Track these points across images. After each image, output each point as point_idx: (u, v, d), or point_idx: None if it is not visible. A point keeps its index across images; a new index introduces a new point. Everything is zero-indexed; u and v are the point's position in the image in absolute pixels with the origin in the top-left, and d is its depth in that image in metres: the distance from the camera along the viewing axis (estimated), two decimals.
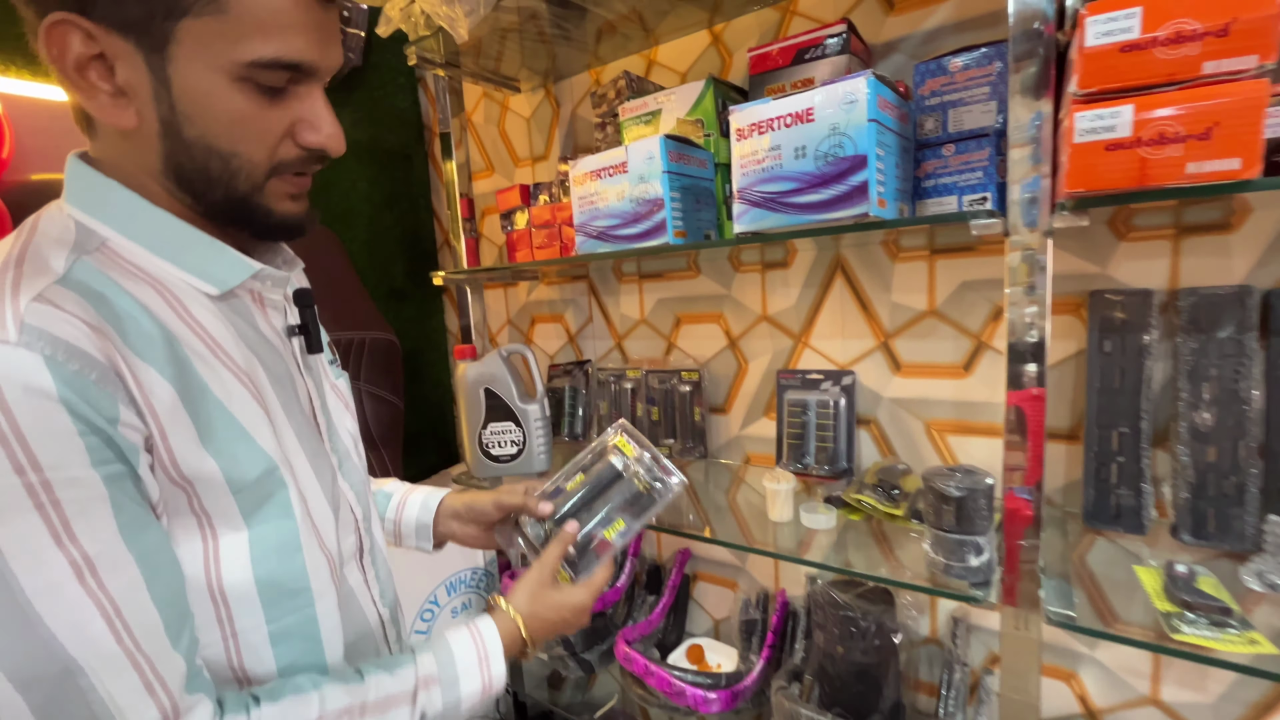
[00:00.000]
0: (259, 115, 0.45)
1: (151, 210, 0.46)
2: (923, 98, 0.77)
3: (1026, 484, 0.68)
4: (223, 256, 0.49)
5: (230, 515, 0.46)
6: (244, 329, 0.51)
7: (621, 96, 1.07)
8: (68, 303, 0.39)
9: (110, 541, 0.39)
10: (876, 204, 0.67)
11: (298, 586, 0.49)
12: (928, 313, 0.99)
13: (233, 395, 0.46)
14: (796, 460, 1.08)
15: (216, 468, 0.44)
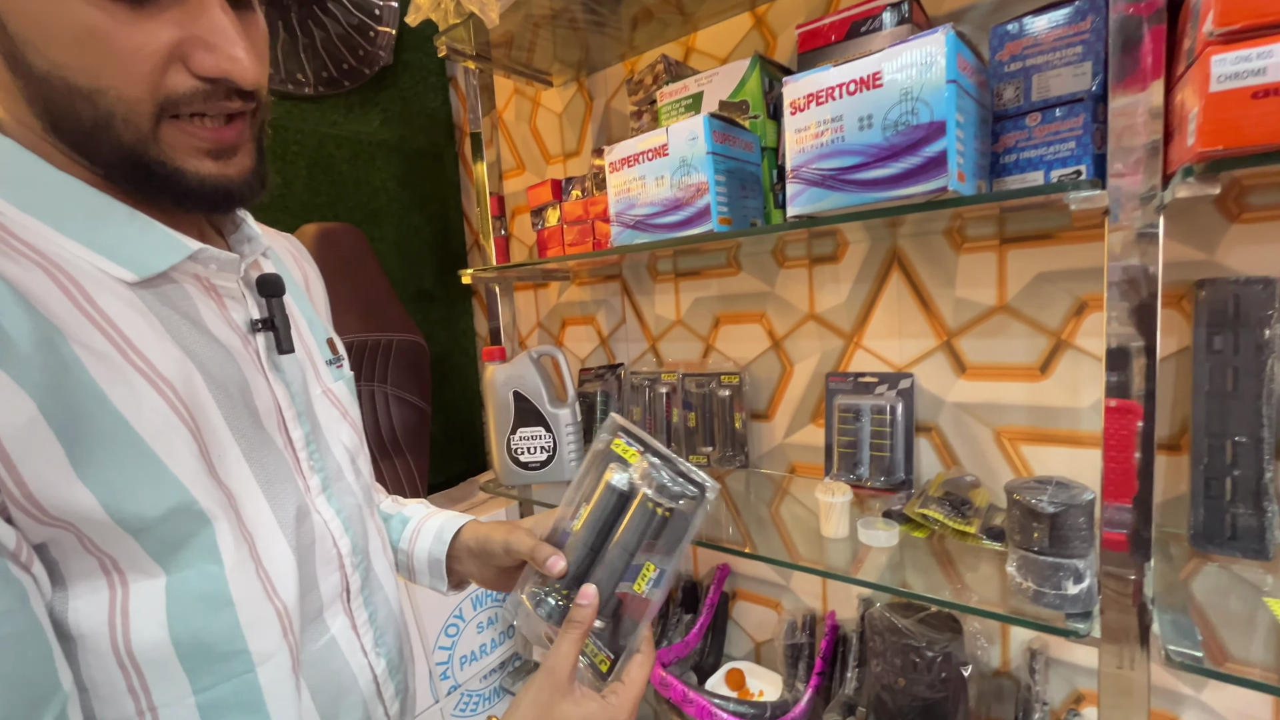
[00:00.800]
0: (118, 30, 0.33)
1: (52, 173, 0.37)
2: (1000, 64, 0.69)
3: (1132, 499, 0.58)
4: (146, 234, 0.39)
5: (137, 558, 0.36)
6: (176, 323, 0.41)
7: (659, 81, 1.01)
8: None
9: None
10: (956, 177, 0.59)
11: (230, 649, 0.39)
12: (997, 308, 0.89)
13: (142, 408, 0.36)
14: (848, 471, 0.99)
15: (95, 502, 0.34)
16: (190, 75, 0.36)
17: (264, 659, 0.41)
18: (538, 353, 1.16)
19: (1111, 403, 0.58)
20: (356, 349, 1.27)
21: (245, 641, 0.40)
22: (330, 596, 0.48)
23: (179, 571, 0.37)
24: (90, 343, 0.35)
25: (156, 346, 0.38)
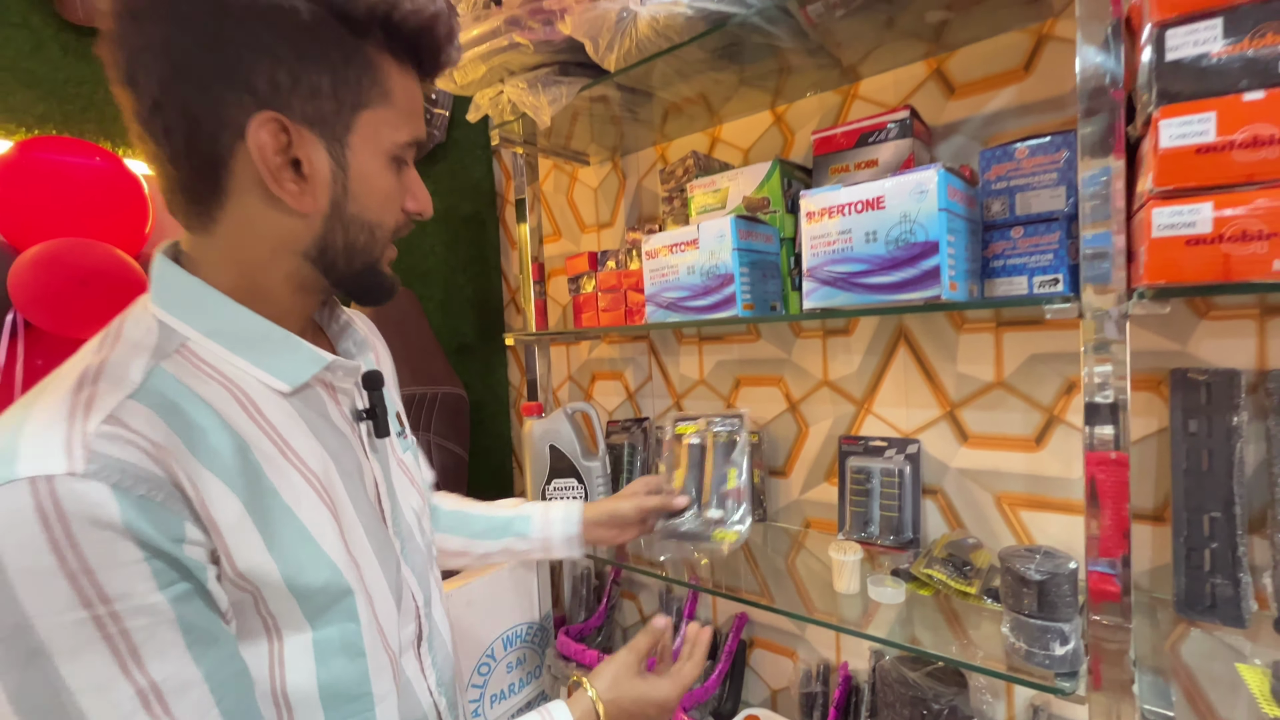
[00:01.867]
0: (396, 189, 0.51)
1: (235, 308, 0.47)
2: (989, 182, 0.80)
3: (1110, 557, 0.65)
4: (297, 352, 0.50)
5: (294, 618, 0.45)
6: (315, 421, 0.51)
7: (689, 174, 1.14)
8: (138, 420, 0.39)
9: (178, 663, 0.39)
10: (948, 287, 0.69)
11: (359, 691, 0.48)
12: (995, 384, 0.98)
13: (301, 500, 0.46)
14: (860, 529, 1.07)
15: (279, 574, 0.44)
16: (405, 214, 0.53)
17: (380, 699, 0.50)
18: (572, 409, 1.26)
19: (1090, 484, 0.67)
20: (406, 400, 1.39)
21: (370, 685, 0.49)
22: (407, 643, 0.56)
23: (324, 629, 0.47)
24: (264, 449, 0.45)
25: (305, 444, 0.49)
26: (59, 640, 0.35)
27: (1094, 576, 0.66)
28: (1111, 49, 0.62)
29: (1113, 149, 0.62)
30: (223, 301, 0.47)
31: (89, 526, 0.36)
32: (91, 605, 0.36)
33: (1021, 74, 0.93)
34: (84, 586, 0.35)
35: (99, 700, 0.36)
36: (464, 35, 1.09)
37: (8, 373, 0.89)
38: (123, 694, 0.36)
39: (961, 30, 0.93)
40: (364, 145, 0.47)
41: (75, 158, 0.97)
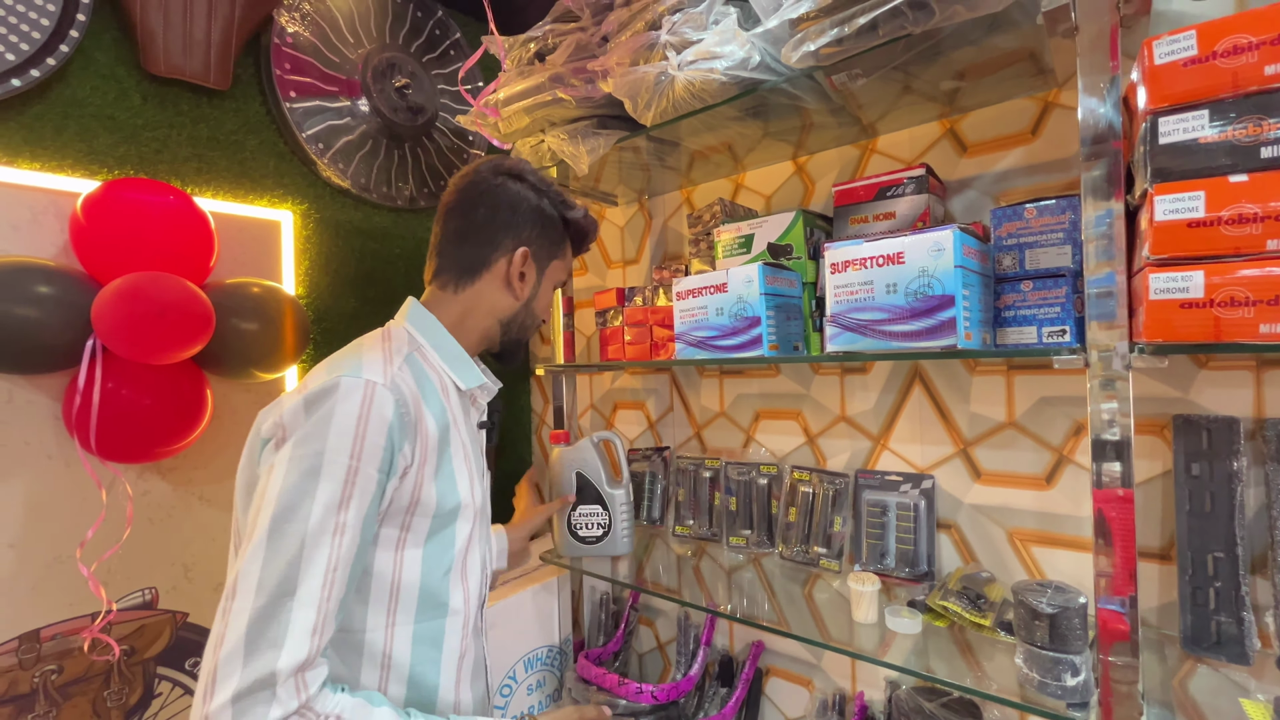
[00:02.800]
0: (550, 302, 0.91)
1: (449, 336, 0.80)
2: (1000, 238, 0.86)
3: (1118, 594, 0.70)
4: (472, 369, 0.82)
5: (420, 534, 0.69)
6: (469, 411, 0.82)
7: (716, 220, 1.21)
8: (407, 374, 0.70)
9: (355, 521, 0.60)
10: (964, 337, 0.75)
11: (440, 600, 0.71)
12: (1007, 424, 1.03)
13: (456, 452, 0.74)
14: (876, 560, 1.11)
15: (435, 496, 0.69)
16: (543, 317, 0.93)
17: (453, 614, 0.72)
18: (599, 437, 1.31)
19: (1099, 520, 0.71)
20: None
21: (448, 598, 0.72)
22: (483, 599, 0.81)
23: (431, 546, 0.70)
24: (450, 418, 0.74)
25: (463, 423, 0.78)
26: (330, 468, 0.59)
27: (1104, 614, 0.70)
28: (1110, 105, 0.68)
29: (1114, 193, 0.68)
30: (443, 331, 0.80)
31: (378, 415, 0.63)
32: (354, 457, 0.60)
33: (1029, 136, 1.00)
34: (358, 444, 0.61)
35: (321, 513, 0.58)
36: (509, 89, 1.18)
37: (86, 392, 0.96)
38: (331, 519, 0.59)
39: (973, 96, 1.01)
40: (548, 276, 0.89)
41: (152, 196, 1.06)
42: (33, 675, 1.03)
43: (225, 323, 1.10)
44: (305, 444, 0.60)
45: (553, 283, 0.89)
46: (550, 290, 0.90)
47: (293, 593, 0.55)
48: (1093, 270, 0.70)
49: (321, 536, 0.57)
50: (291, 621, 0.55)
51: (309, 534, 0.57)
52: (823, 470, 1.22)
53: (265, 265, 1.32)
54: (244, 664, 0.53)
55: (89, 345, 0.97)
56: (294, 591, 0.55)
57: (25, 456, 1.02)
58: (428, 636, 0.70)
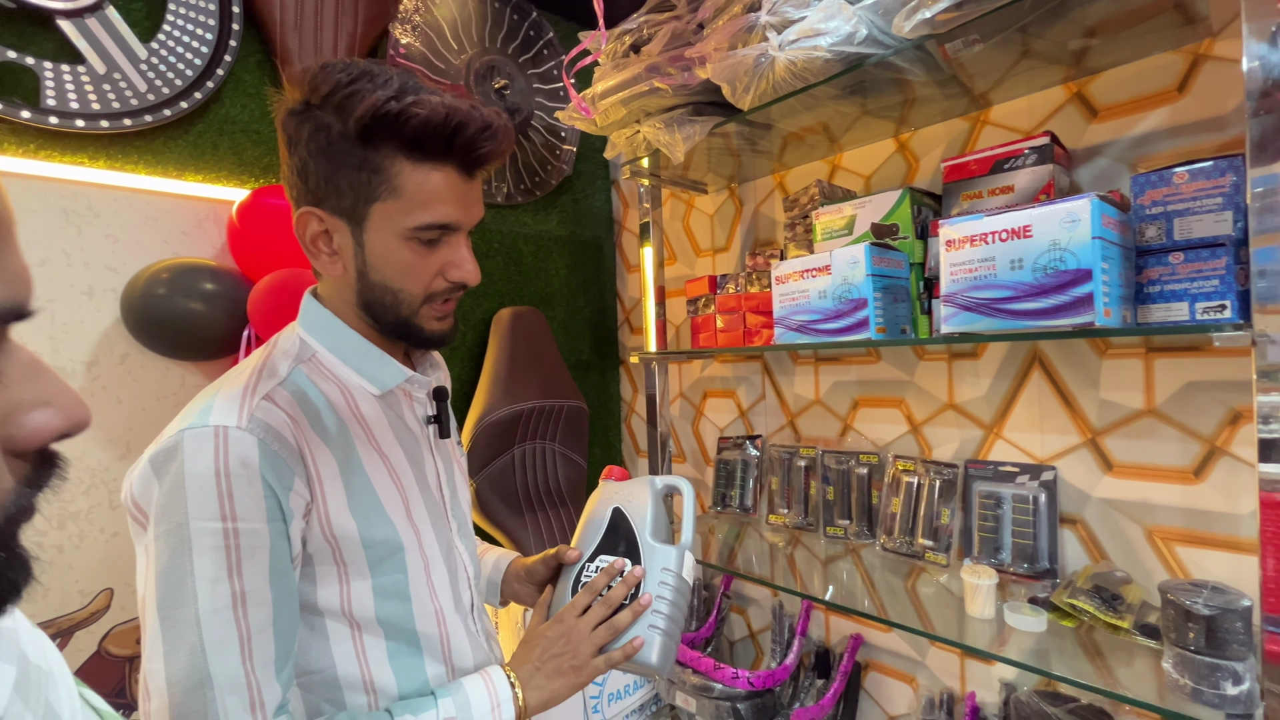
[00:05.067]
0: (419, 262, 0.62)
1: (347, 331, 0.65)
2: (1142, 207, 0.79)
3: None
4: (387, 366, 0.66)
5: (360, 566, 0.61)
6: (393, 419, 0.68)
7: (814, 203, 1.19)
8: (281, 400, 0.58)
9: (260, 581, 0.53)
10: (1102, 314, 0.70)
11: (407, 627, 0.64)
12: (1145, 412, 0.95)
13: (376, 474, 0.63)
14: (989, 555, 1.06)
15: (355, 528, 0.60)
16: (445, 280, 0.64)
17: (424, 636, 0.65)
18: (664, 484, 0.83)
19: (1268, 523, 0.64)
20: (537, 413, 1.51)
21: (415, 624, 0.64)
22: (466, 608, 0.71)
23: (380, 576, 0.62)
24: (357, 432, 0.63)
25: (384, 435, 0.65)
26: (199, 539, 0.51)
27: (1269, 637, 0.63)
28: None
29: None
30: (342, 327, 0.65)
31: (239, 463, 0.53)
32: (225, 519, 0.52)
33: (1174, 95, 0.91)
34: (225, 504, 0.52)
35: (209, 590, 0.51)
36: (605, 83, 1.21)
37: None
38: (224, 591, 0.51)
39: (1105, 54, 0.93)
40: (377, 229, 0.60)
41: None
42: None
43: None
44: (165, 518, 0.52)
45: (399, 233, 0.59)
46: (402, 246, 0.60)
47: (208, 682, 0.50)
48: (1260, 239, 0.63)
49: (219, 614, 0.51)
50: (219, 711, 0.50)
51: (202, 616, 0.50)
52: (929, 460, 1.17)
53: None
54: None
55: (245, 334, 1.10)
56: (209, 680, 0.50)
57: None
58: (404, 653, 0.64)
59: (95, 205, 1.08)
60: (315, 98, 0.57)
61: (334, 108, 0.57)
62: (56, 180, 1.04)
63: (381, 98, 0.55)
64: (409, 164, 0.58)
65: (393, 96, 0.55)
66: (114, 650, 1.10)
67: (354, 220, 0.60)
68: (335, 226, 0.60)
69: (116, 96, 1.08)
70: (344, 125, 0.56)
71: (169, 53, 1.13)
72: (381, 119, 0.55)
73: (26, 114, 1.00)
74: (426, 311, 0.65)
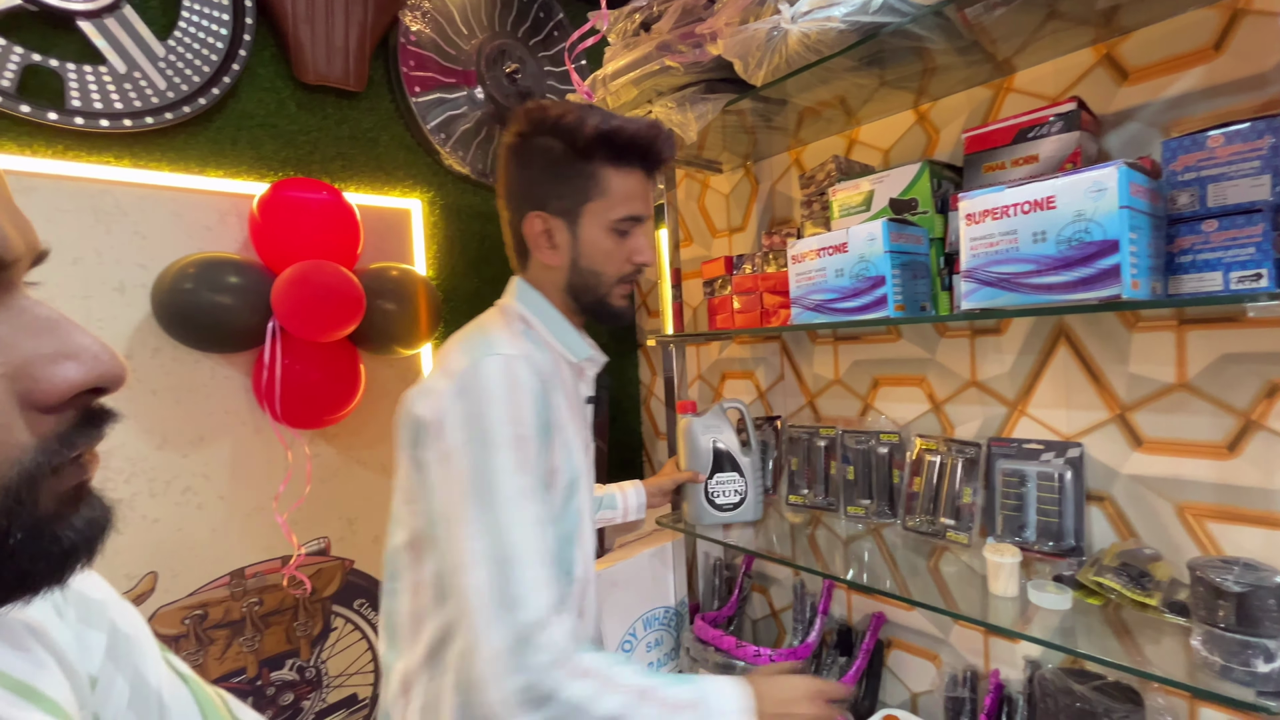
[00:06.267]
0: (616, 249, 0.78)
1: (555, 312, 0.81)
2: (1174, 173, 0.76)
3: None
4: (580, 341, 0.82)
5: (553, 506, 0.70)
6: (577, 383, 0.83)
7: (831, 179, 1.17)
8: (531, 348, 0.73)
9: (534, 483, 0.65)
10: (1130, 286, 0.68)
11: (566, 569, 0.74)
12: (1176, 386, 0.92)
13: (568, 425, 0.75)
14: (1013, 533, 1.04)
15: (558, 466, 0.71)
16: (631, 264, 0.80)
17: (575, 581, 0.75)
18: (727, 405, 1.30)
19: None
20: None
21: (574, 567, 0.76)
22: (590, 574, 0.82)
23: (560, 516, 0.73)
24: (558, 390, 0.74)
25: (573, 393, 0.80)
26: (498, 440, 0.63)
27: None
28: None
29: None
30: (549, 306, 0.81)
31: (523, 386, 0.66)
32: (515, 424, 0.65)
33: (1211, 53, 0.86)
34: (515, 413, 0.65)
35: (505, 481, 0.63)
36: (615, 63, 1.20)
37: (270, 368, 1.11)
38: (514, 484, 0.63)
39: (1136, 13, 0.89)
40: (589, 223, 0.77)
41: (309, 193, 1.19)
42: (241, 605, 1.23)
43: (372, 303, 1.23)
44: (468, 426, 0.64)
45: (604, 225, 0.76)
46: (605, 236, 0.77)
47: (512, 558, 0.60)
48: None
49: (515, 501, 0.62)
50: (523, 582, 0.60)
51: (503, 503, 0.61)
52: (951, 439, 1.16)
53: (400, 250, 1.44)
54: (499, 628, 0.59)
55: (270, 326, 1.13)
56: (512, 557, 0.60)
57: (227, 423, 1.21)
58: None
59: (123, 203, 1.11)
60: (537, 128, 0.75)
61: (558, 133, 0.74)
62: (85, 180, 1.07)
63: (598, 122, 0.73)
64: (614, 170, 0.76)
65: (603, 120, 0.74)
66: (161, 630, 1.15)
67: (570, 218, 0.76)
68: (555, 226, 0.77)
69: (138, 95, 1.10)
70: (567, 144, 0.74)
71: (185, 49, 1.15)
72: (600, 136, 0.73)
73: (53, 115, 1.03)
74: (616, 291, 0.80)
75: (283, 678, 1.28)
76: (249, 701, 1.24)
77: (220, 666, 1.21)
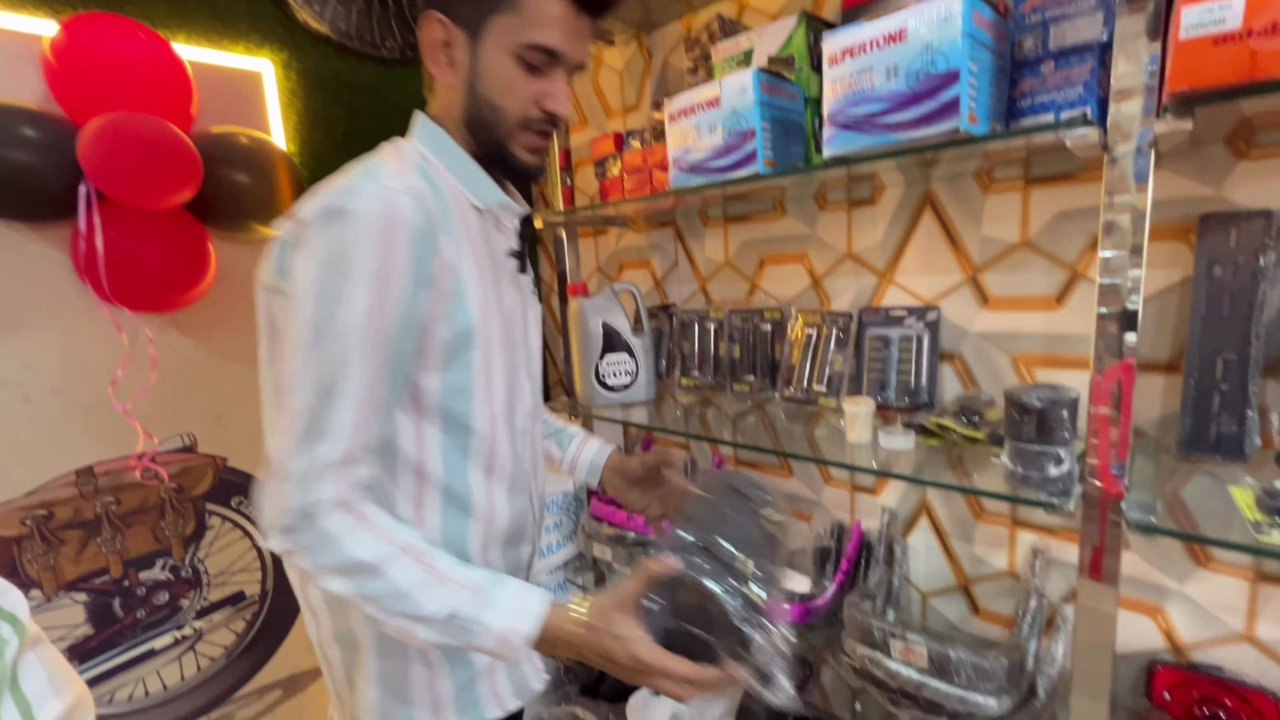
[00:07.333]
0: (520, 82, 0.66)
1: (456, 148, 0.70)
2: (1023, 16, 0.76)
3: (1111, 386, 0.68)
4: (488, 185, 0.72)
5: (437, 354, 0.66)
6: (488, 231, 0.74)
7: (714, 39, 1.11)
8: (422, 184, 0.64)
9: (391, 327, 0.60)
10: (967, 119, 0.69)
11: (464, 422, 0.69)
12: (1020, 244, 0.98)
13: (468, 274, 0.67)
14: (875, 393, 1.11)
15: (445, 314, 0.65)
16: (539, 109, 0.68)
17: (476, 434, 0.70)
18: (618, 288, 1.30)
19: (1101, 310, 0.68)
20: None
21: (471, 420, 0.69)
22: (522, 430, 0.77)
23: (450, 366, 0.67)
24: (456, 237, 0.66)
25: (479, 239, 0.71)
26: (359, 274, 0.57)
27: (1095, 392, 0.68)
28: None
29: None
30: (452, 144, 0.70)
31: (402, 220, 0.59)
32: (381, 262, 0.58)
33: None
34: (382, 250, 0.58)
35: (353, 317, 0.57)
36: None
37: (89, 239, 0.98)
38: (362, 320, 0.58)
39: None
40: (491, 41, 0.65)
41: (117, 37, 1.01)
42: (94, 505, 1.15)
43: (216, 172, 1.09)
44: (330, 249, 0.58)
45: (509, 48, 0.65)
46: (509, 63, 0.65)
47: (334, 392, 0.57)
48: (1123, 32, 0.62)
49: (355, 339, 0.58)
50: (333, 416, 0.58)
51: (342, 335, 0.57)
52: (827, 311, 1.20)
53: (251, 119, 1.28)
54: (296, 449, 0.58)
55: (83, 191, 0.98)
56: (335, 390, 0.57)
57: (48, 307, 1.07)
58: (455, 449, 0.69)
59: None
60: None
61: None
62: None
63: None
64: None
65: None
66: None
67: (472, 31, 0.65)
68: (455, 37, 0.66)
69: None
70: None
71: None
72: None
73: None
74: (521, 139, 0.69)
75: (154, 577, 1.22)
76: (116, 602, 1.18)
77: (76, 568, 1.13)
